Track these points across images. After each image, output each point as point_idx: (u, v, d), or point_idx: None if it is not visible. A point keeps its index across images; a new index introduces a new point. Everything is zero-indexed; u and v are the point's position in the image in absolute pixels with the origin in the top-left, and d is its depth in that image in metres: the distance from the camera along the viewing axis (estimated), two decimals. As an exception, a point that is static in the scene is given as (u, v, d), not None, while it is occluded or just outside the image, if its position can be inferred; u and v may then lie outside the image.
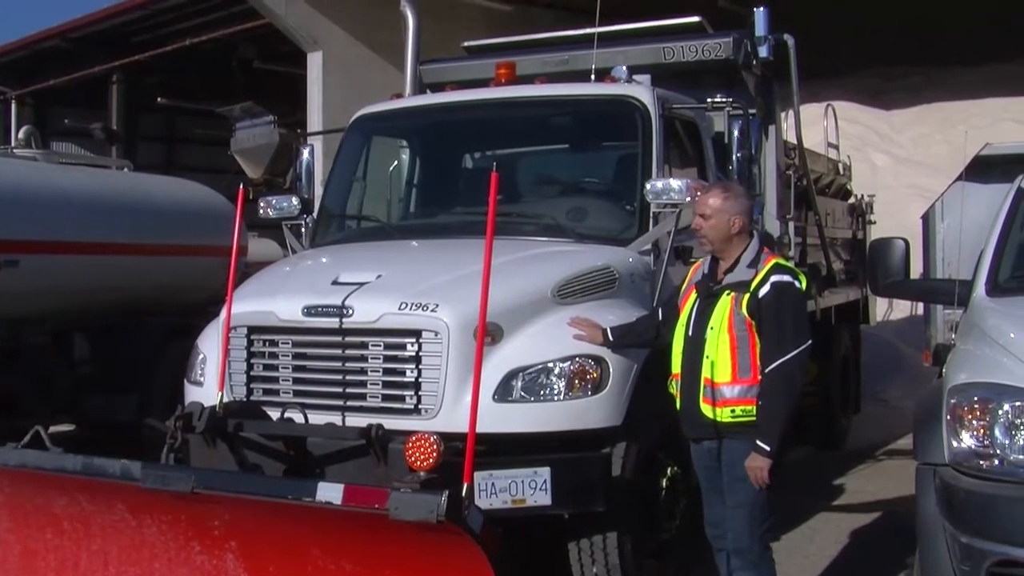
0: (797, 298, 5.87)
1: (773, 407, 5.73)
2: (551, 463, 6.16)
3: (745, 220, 6.03)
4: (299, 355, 6.75)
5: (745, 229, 6.03)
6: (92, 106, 23.80)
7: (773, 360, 5.71)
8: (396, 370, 6.45)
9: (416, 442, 4.96)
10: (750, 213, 6.15)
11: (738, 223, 5.99)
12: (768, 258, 5.96)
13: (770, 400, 5.74)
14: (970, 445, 5.34)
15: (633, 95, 7.93)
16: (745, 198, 6.15)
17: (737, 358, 5.84)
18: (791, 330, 5.75)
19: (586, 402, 6.38)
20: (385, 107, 8.98)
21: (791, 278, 5.86)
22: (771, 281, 5.82)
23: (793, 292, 5.84)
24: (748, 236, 6.04)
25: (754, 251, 5.98)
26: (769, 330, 5.78)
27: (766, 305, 5.79)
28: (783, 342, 5.73)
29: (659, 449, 6.93)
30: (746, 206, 6.07)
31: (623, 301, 7.04)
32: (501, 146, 9.11)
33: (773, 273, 5.85)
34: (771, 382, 5.72)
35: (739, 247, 6.00)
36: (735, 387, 5.82)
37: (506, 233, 7.23)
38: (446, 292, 6.50)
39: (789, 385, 5.73)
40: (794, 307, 5.84)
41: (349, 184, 8.91)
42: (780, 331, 5.75)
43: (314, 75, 16.70)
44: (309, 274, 7.54)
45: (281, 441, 6.39)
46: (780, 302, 5.79)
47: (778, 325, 5.76)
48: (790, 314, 5.79)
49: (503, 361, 6.38)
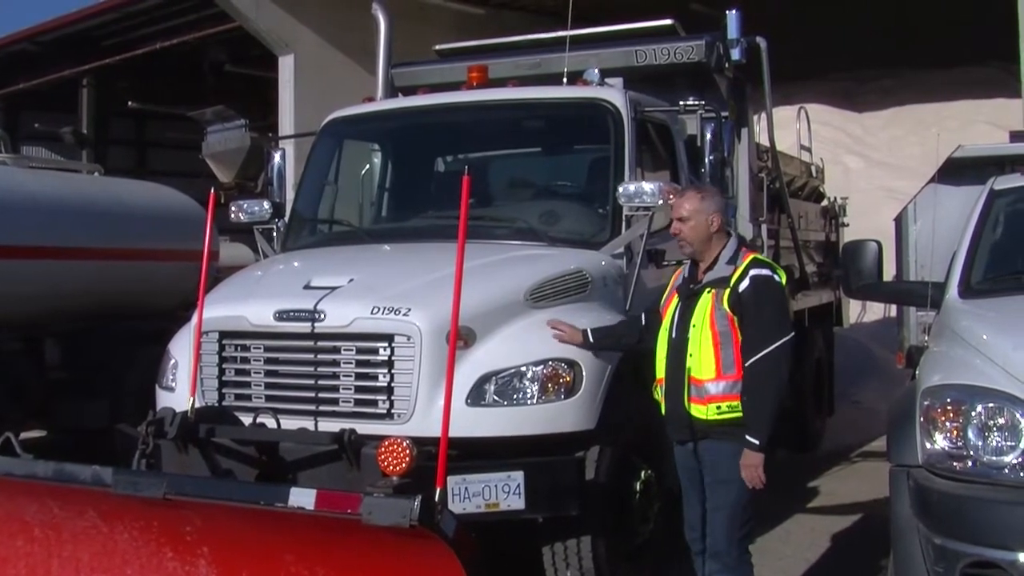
0: (777, 291, 5.90)
1: (757, 400, 5.76)
2: (524, 467, 6.17)
3: (722, 218, 6.09)
4: (271, 360, 6.75)
5: (723, 227, 6.08)
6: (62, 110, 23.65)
7: (755, 352, 5.73)
8: (369, 375, 6.46)
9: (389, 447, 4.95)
10: (725, 211, 6.22)
11: (716, 221, 6.04)
12: (746, 254, 6.01)
13: (754, 393, 5.76)
14: (943, 447, 5.36)
15: (605, 98, 7.96)
16: (719, 196, 6.23)
17: (721, 354, 5.87)
18: (772, 322, 5.79)
19: (559, 406, 6.40)
20: (357, 111, 8.98)
21: (770, 272, 5.91)
22: (750, 275, 5.87)
23: (773, 285, 5.88)
24: (726, 235, 6.10)
25: (732, 248, 6.03)
26: (750, 323, 5.82)
27: (747, 299, 5.83)
28: (765, 335, 5.75)
29: (633, 452, 6.95)
30: (721, 204, 6.14)
31: (596, 305, 7.06)
32: (473, 149, 9.13)
33: (752, 267, 5.90)
34: (754, 374, 5.75)
35: (718, 246, 6.05)
36: (719, 383, 5.85)
37: (478, 237, 7.26)
38: (418, 296, 6.51)
39: (773, 377, 5.74)
40: (774, 300, 5.88)
41: (321, 188, 8.91)
42: (761, 324, 5.79)
43: (285, 78, 16.67)
44: (281, 278, 7.54)
45: (253, 446, 6.37)
46: (760, 295, 5.83)
47: (759, 318, 5.80)
48: (771, 307, 5.83)
49: (476, 365, 6.40)
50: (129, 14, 20.16)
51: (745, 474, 5.76)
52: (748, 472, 5.75)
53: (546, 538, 6.70)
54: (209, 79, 21.63)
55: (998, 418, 5.27)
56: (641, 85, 8.51)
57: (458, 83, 8.86)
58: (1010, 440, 5.23)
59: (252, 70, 20.29)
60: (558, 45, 8.90)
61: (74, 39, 21.76)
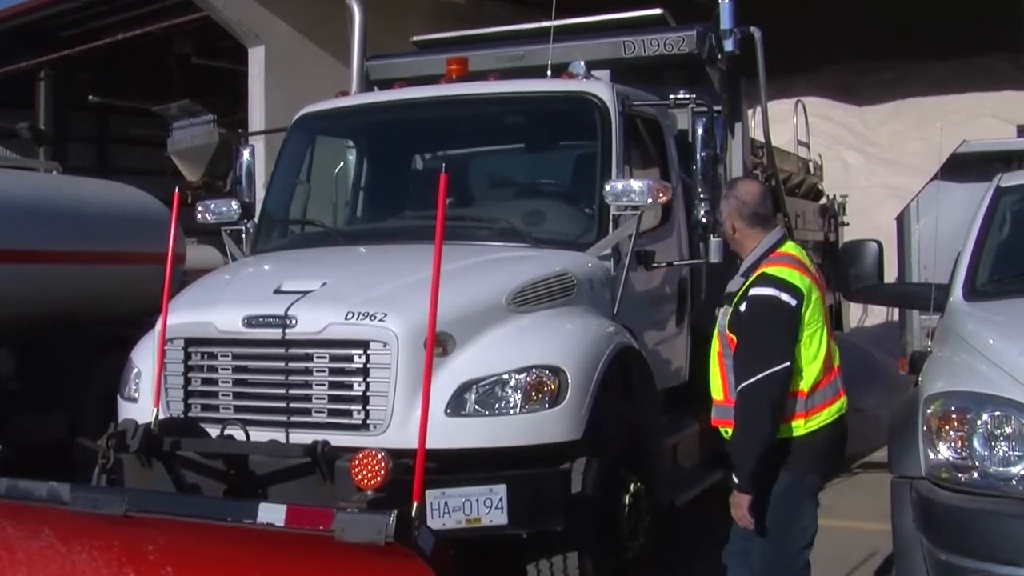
0: (775, 314, 5.61)
1: (736, 435, 5.68)
2: (507, 480, 6.17)
3: (740, 222, 5.93)
4: (240, 368, 6.74)
5: (746, 231, 5.93)
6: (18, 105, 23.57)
7: (740, 382, 5.61)
8: (342, 383, 6.45)
9: (363, 459, 4.96)
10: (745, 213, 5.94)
11: (733, 225, 5.95)
12: (764, 265, 5.77)
13: (735, 428, 5.68)
14: (948, 457, 5.36)
15: (591, 92, 7.97)
16: (734, 198, 6.00)
17: (726, 375, 5.83)
18: (760, 349, 5.59)
19: (543, 415, 6.40)
20: (330, 105, 8.98)
21: (774, 291, 5.61)
22: (750, 294, 5.69)
23: (771, 307, 5.61)
24: (759, 238, 5.91)
25: (754, 256, 5.87)
26: (740, 348, 5.69)
27: (742, 321, 5.71)
28: (750, 363, 5.59)
29: (622, 464, 6.96)
30: (735, 205, 5.95)
31: (581, 309, 7.08)
32: (452, 146, 9.14)
33: (755, 285, 5.69)
34: (736, 408, 5.65)
35: (746, 251, 5.95)
36: (727, 408, 5.79)
37: (458, 238, 7.26)
38: (395, 300, 6.51)
39: (752, 412, 5.57)
40: (768, 323, 5.61)
41: (292, 187, 8.90)
42: (748, 350, 5.63)
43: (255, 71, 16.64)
44: (250, 282, 7.52)
45: (221, 460, 6.36)
46: (754, 318, 5.66)
47: (748, 343, 5.66)
48: (762, 331, 5.62)
49: (455, 373, 6.39)
50: (89, 3, 20.10)
51: (733, 513, 5.72)
52: (734, 511, 5.71)
53: (530, 555, 6.67)
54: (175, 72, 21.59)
55: (1005, 427, 5.27)
56: (629, 78, 8.54)
57: (437, 76, 8.87)
58: (1018, 450, 5.23)
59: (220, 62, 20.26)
60: (542, 36, 8.90)
61: (31, 29, 21.67)
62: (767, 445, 5.60)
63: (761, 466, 5.62)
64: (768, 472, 5.69)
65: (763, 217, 5.97)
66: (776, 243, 5.92)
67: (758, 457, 5.60)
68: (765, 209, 6.02)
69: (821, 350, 5.73)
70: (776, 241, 5.93)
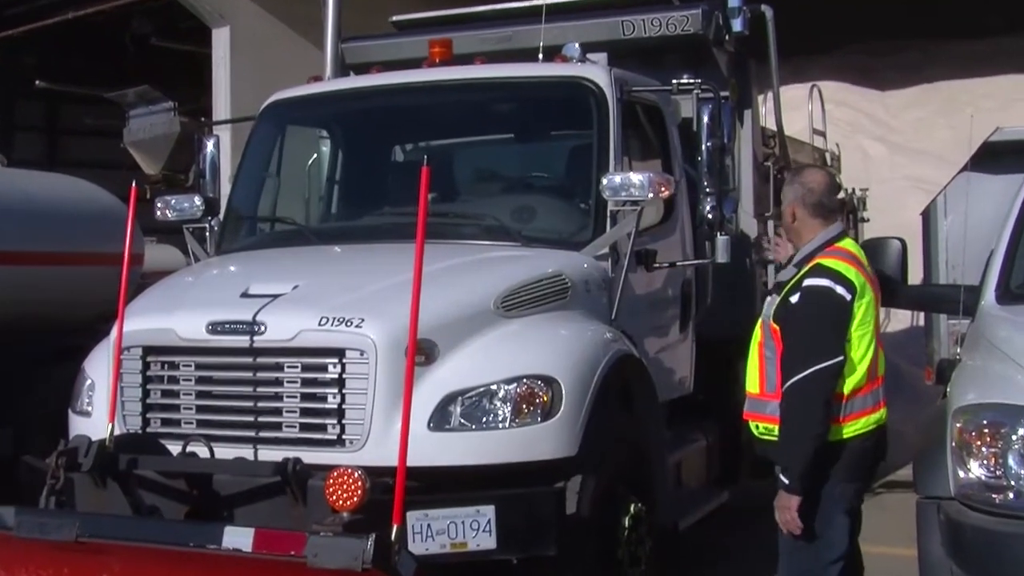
0: (829, 306, 5.83)
1: (786, 432, 5.84)
2: (496, 500, 6.18)
3: (802, 210, 6.13)
4: (203, 379, 6.75)
5: (807, 221, 6.13)
6: (-41, 91, 23.60)
7: (790, 376, 5.78)
8: (316, 395, 6.47)
9: (338, 478, 4.98)
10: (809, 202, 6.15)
11: (793, 212, 6.14)
12: (819, 257, 5.98)
13: (784, 424, 5.85)
14: (979, 476, 5.39)
15: (587, 76, 7.99)
16: (799, 184, 6.22)
17: (765, 368, 6.02)
18: (812, 342, 5.79)
19: (535, 429, 6.42)
20: (302, 92, 9.00)
21: (829, 282, 5.84)
22: (803, 285, 5.90)
23: (825, 298, 5.83)
24: (819, 228, 6.11)
25: (810, 248, 6.07)
26: (789, 341, 5.88)
27: (792, 312, 5.90)
28: (801, 356, 5.77)
29: (621, 483, 6.98)
30: (800, 192, 6.16)
31: (576, 314, 7.11)
32: (435, 137, 9.18)
33: (808, 276, 5.91)
34: (785, 403, 5.82)
35: (803, 241, 6.16)
36: (761, 401, 6.03)
37: (442, 236, 7.29)
38: (373, 305, 6.53)
39: (803, 409, 5.76)
40: (821, 316, 5.83)
41: (261, 181, 8.92)
42: (799, 343, 5.83)
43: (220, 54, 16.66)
44: (214, 285, 7.55)
45: (182, 479, 6.36)
46: (806, 309, 5.86)
47: (799, 336, 5.85)
48: (815, 324, 5.83)
49: (439, 384, 6.41)
50: (36, -22, 20.12)
51: (777, 515, 5.87)
52: (779, 514, 5.86)
53: (521, 582, 6.71)
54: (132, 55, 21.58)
55: (1043, 442, 5.29)
56: (628, 61, 8.56)
57: (418, 60, 8.87)
58: (1057, 469, 5.25)
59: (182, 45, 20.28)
60: (532, 16, 8.95)
61: (-30, 7, 21.66)
62: (819, 444, 5.78)
63: (812, 466, 5.79)
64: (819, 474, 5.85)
65: (828, 209, 6.20)
66: (835, 237, 6.13)
67: (809, 456, 5.77)
68: (831, 201, 6.27)
69: (868, 354, 5.92)
70: (835, 235, 6.15)
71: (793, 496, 5.81)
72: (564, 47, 8.30)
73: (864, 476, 6.21)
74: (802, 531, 5.84)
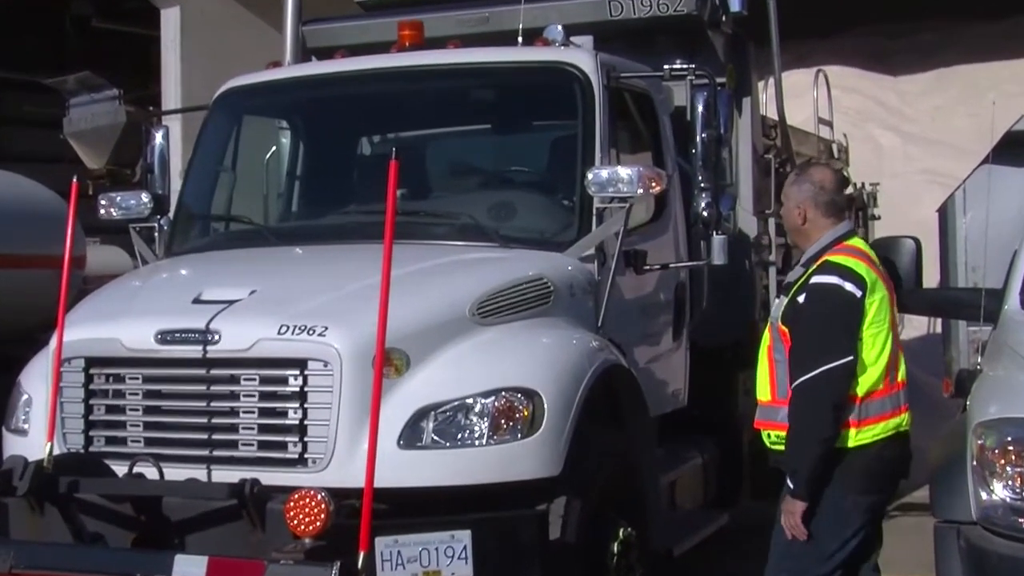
0: (837, 304, 5.99)
1: (793, 436, 5.96)
2: (472, 525, 6.17)
3: (813, 210, 6.27)
4: (152, 393, 6.75)
5: (818, 221, 6.27)
6: None
7: (797, 377, 5.91)
8: (275, 410, 6.47)
9: (300, 501, 5.01)
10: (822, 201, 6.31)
11: (803, 212, 6.28)
12: (828, 254, 6.14)
13: (791, 427, 5.97)
14: (1003, 497, 5.44)
15: (570, 62, 8.01)
16: (809, 183, 6.37)
17: (775, 373, 6.14)
18: (821, 341, 5.92)
19: (515, 447, 6.44)
20: (260, 78, 9.01)
21: (838, 279, 6.00)
22: (810, 283, 6.06)
23: (834, 295, 5.98)
24: (828, 228, 6.27)
25: (818, 247, 6.23)
26: (796, 341, 6.01)
27: (799, 312, 6.05)
28: (809, 356, 5.91)
29: (609, 505, 7.00)
30: (811, 192, 6.31)
31: (559, 320, 7.13)
32: (406, 128, 9.17)
33: (816, 273, 6.07)
34: (792, 404, 5.95)
35: (810, 241, 6.31)
36: (772, 408, 6.15)
37: (412, 237, 7.32)
38: (337, 311, 6.56)
39: (810, 410, 5.89)
40: (829, 314, 5.98)
41: (215, 176, 8.92)
42: (807, 342, 5.96)
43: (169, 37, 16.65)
44: (164, 290, 7.56)
45: (129, 503, 6.36)
46: (814, 308, 6.01)
47: (806, 335, 5.98)
48: (822, 322, 5.97)
49: (410, 397, 6.43)
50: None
51: (783, 520, 5.99)
52: (785, 519, 5.98)
53: (500, 614, 6.74)
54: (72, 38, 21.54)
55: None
56: (616, 45, 8.58)
57: (387, 44, 8.88)
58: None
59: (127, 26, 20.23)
60: (512, -5, 8.96)
61: None
62: (827, 448, 5.90)
63: (821, 472, 5.91)
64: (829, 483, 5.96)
65: (839, 207, 6.40)
66: (843, 235, 6.30)
67: (817, 460, 5.90)
68: (841, 199, 6.49)
69: (884, 355, 6.04)
70: (843, 233, 6.32)
71: (799, 502, 5.93)
72: (546, 29, 8.30)
73: (882, 489, 6.28)
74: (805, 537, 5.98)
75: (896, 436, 6.09)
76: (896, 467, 6.21)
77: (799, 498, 5.94)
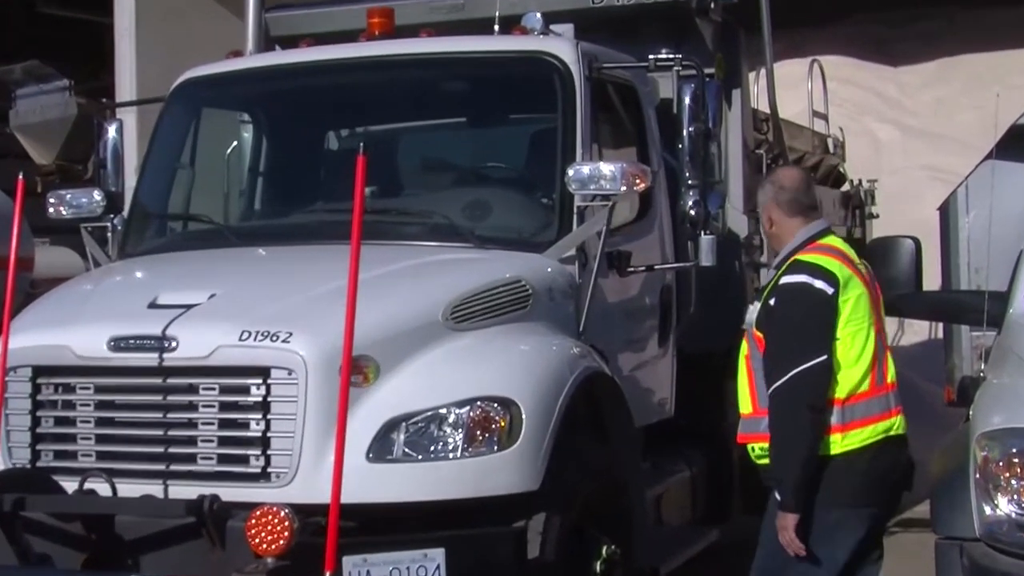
0: (807, 303, 6.06)
1: (775, 444, 6.01)
2: (446, 543, 6.18)
3: (777, 211, 6.38)
4: (104, 404, 6.74)
5: (785, 222, 6.37)
6: None
7: (772, 382, 5.96)
8: (236, 422, 6.47)
9: (262, 518, 5.01)
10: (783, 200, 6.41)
11: (769, 216, 6.41)
12: (799, 253, 6.22)
13: (772, 436, 6.02)
14: (1008, 512, 5.46)
15: (550, 51, 8.03)
16: (770, 184, 6.51)
17: (755, 382, 6.19)
18: (794, 342, 5.98)
19: (491, 460, 6.45)
20: (220, 69, 8.99)
21: (807, 277, 6.07)
22: (779, 284, 6.15)
23: (803, 294, 6.05)
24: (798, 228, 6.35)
25: (790, 248, 6.31)
26: (770, 345, 6.07)
27: (770, 315, 6.12)
28: (782, 359, 5.96)
29: (591, 521, 7.01)
30: (771, 193, 6.43)
31: (539, 325, 7.15)
32: (375, 121, 9.22)
33: (786, 274, 6.15)
34: (771, 413, 6.01)
35: (783, 245, 6.39)
36: (755, 420, 6.20)
37: (382, 237, 7.35)
38: (302, 316, 6.57)
39: (789, 416, 5.94)
40: (800, 314, 6.05)
41: (172, 172, 8.92)
42: (779, 346, 6.02)
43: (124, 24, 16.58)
44: (117, 294, 7.56)
45: (79, 521, 6.36)
46: (783, 309, 6.08)
47: (778, 337, 6.04)
48: (793, 322, 6.03)
49: (380, 407, 6.43)
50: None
51: (780, 537, 6.01)
52: (780, 536, 6.01)
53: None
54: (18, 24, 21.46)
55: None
56: (598, 34, 8.60)
57: (355, 32, 8.89)
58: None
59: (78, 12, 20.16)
60: (488, -20, 8.96)
61: None
62: (811, 452, 5.95)
63: (807, 478, 5.95)
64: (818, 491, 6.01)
65: (805, 206, 6.46)
66: (817, 234, 6.37)
67: (802, 467, 5.94)
68: (808, 197, 6.54)
69: (866, 354, 6.11)
70: (817, 232, 6.40)
71: (789, 514, 5.96)
72: (524, 17, 8.32)
73: (876, 501, 6.30)
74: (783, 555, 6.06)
75: (888, 442, 6.14)
76: (894, 477, 6.24)
77: (789, 509, 5.97)
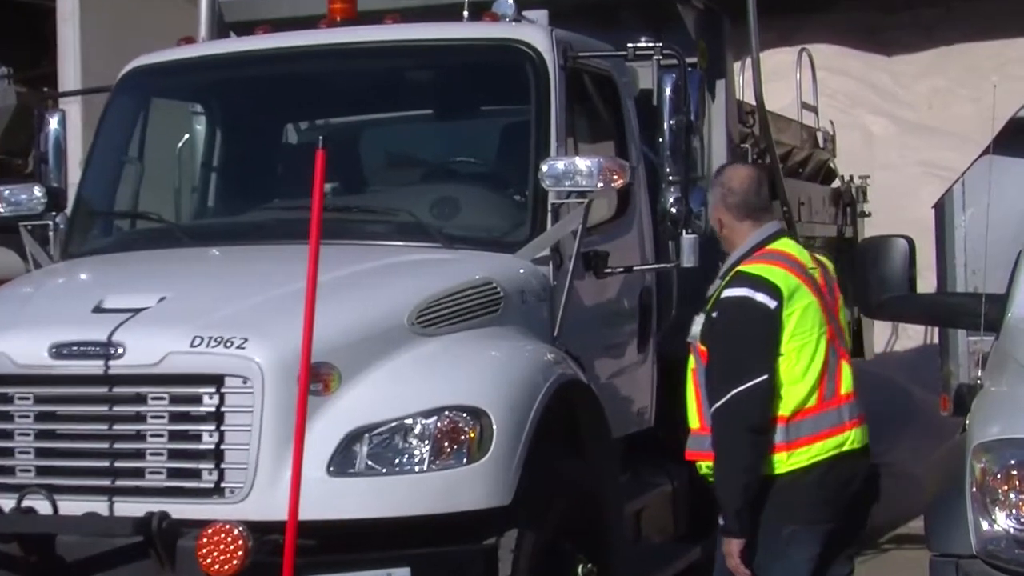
0: (746, 320, 6.09)
1: (717, 467, 6.07)
2: (412, 561, 6.21)
3: (726, 215, 6.41)
4: (45, 415, 6.70)
5: (734, 226, 6.39)
6: None
7: (712, 403, 6.02)
8: (188, 434, 6.45)
9: (214, 536, 5.00)
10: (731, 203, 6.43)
11: (717, 219, 6.44)
12: (743, 263, 6.24)
13: (715, 459, 6.07)
14: (1007, 528, 5.48)
15: (522, 39, 8.03)
16: (718, 185, 6.54)
17: (701, 397, 6.25)
18: (732, 362, 6.02)
19: (460, 473, 6.44)
20: (170, 56, 8.97)
21: (748, 291, 6.08)
22: (721, 297, 6.16)
23: (743, 310, 6.08)
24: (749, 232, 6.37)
25: (738, 255, 6.33)
26: (710, 362, 6.11)
27: (712, 329, 6.15)
28: (722, 379, 6.01)
29: (566, 538, 7.03)
30: (719, 195, 6.46)
31: (510, 330, 7.16)
32: (336, 113, 9.21)
33: (728, 286, 6.17)
34: (712, 435, 6.06)
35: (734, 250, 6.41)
36: (702, 437, 6.24)
37: (344, 236, 7.35)
38: (258, 321, 6.56)
39: (729, 438, 6.00)
40: (739, 330, 6.09)
41: (119, 167, 8.90)
42: (718, 364, 6.06)
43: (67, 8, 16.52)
44: (60, 297, 7.53)
45: (15, 542, 6.35)
46: (722, 326, 6.11)
47: (718, 355, 6.08)
48: (733, 340, 6.07)
49: (342, 417, 6.41)
50: None
51: (727, 563, 6.05)
52: (728, 561, 6.05)
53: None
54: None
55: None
56: (574, 21, 8.59)
57: (315, 18, 8.88)
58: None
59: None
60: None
61: None
62: (751, 476, 6.01)
63: (748, 502, 6.01)
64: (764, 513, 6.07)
65: (754, 208, 6.42)
66: (767, 239, 6.37)
67: (742, 491, 6.00)
68: (758, 199, 6.48)
69: (813, 369, 6.13)
70: (767, 237, 6.39)
71: (733, 540, 6.02)
72: (495, 3, 8.31)
73: (832, 516, 6.30)
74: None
75: (842, 456, 6.17)
76: (852, 490, 6.27)
77: (732, 535, 6.03)
